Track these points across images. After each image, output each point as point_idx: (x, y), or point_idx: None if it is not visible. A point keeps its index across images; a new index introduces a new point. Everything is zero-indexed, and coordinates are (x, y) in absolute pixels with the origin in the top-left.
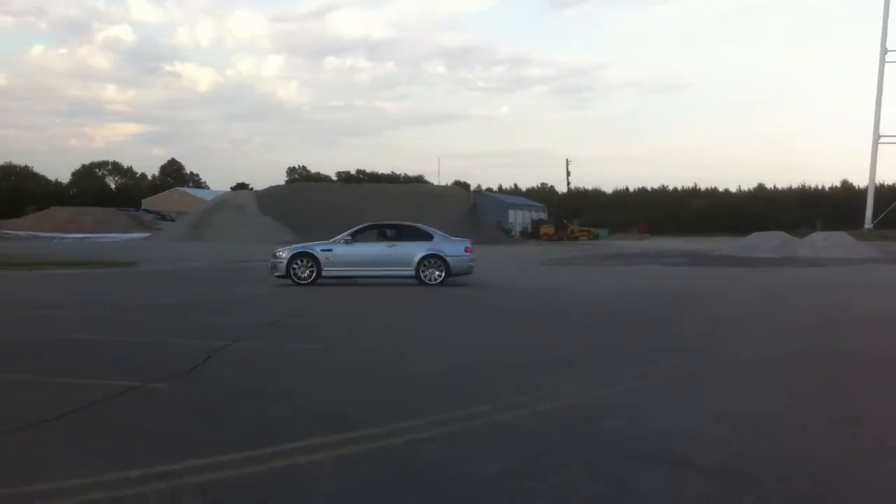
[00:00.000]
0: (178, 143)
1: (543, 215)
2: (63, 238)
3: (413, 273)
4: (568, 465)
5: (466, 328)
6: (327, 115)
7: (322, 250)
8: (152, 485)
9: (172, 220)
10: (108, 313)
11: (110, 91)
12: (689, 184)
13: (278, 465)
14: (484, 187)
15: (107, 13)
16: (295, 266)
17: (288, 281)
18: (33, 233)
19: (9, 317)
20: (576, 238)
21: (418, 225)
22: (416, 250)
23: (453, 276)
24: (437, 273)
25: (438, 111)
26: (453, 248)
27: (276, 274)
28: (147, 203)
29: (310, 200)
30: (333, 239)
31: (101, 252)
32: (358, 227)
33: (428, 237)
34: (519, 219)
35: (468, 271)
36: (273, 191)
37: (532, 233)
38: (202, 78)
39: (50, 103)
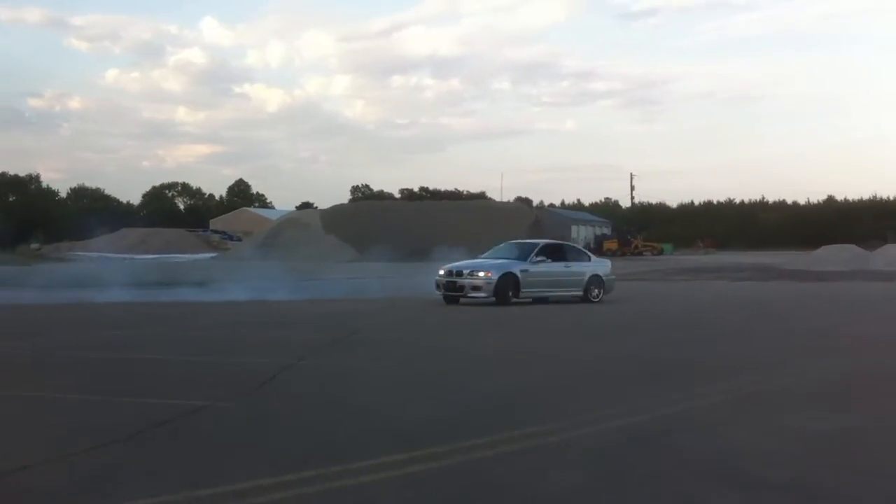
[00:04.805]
0: (247, 162)
1: (607, 230)
2: (133, 259)
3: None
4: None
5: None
6: (392, 133)
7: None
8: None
9: (239, 239)
10: (182, 332)
11: (181, 113)
12: (756, 196)
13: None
14: (546, 203)
15: (179, 37)
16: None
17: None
18: (104, 254)
19: (84, 335)
20: (640, 253)
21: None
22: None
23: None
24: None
25: (502, 127)
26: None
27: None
28: (214, 223)
29: (372, 218)
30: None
31: (172, 271)
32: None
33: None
34: (582, 234)
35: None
36: (337, 209)
37: (595, 248)
38: (271, 98)
39: (124, 126)
